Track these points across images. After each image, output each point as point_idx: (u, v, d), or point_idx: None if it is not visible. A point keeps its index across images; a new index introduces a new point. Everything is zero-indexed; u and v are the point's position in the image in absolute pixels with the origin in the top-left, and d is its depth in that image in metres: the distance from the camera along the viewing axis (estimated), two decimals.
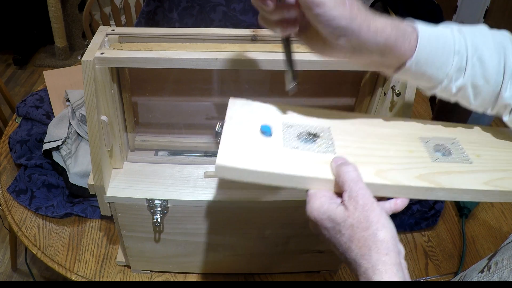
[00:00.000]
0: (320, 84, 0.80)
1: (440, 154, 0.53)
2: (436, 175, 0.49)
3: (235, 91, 0.79)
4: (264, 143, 0.49)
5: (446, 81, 0.49)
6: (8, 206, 0.97)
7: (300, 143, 0.50)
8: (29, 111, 1.16)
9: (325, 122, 0.55)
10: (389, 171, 0.48)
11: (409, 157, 0.51)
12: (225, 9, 1.27)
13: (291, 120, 0.54)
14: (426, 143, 0.54)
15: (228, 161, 0.46)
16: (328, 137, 0.52)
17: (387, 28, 0.45)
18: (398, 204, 0.47)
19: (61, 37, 2.61)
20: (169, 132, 0.83)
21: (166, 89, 0.78)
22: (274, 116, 0.55)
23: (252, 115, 0.54)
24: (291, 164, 0.47)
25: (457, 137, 0.56)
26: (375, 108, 0.77)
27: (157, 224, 0.73)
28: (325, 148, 0.50)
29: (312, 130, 0.52)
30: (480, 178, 0.49)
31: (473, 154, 0.53)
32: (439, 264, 0.92)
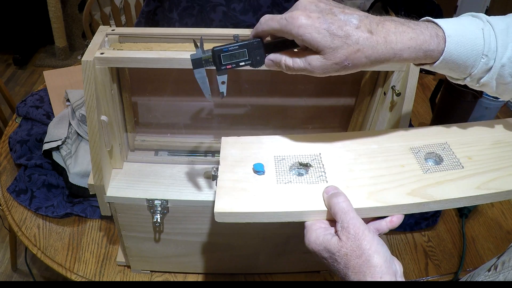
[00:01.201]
0: (320, 84, 0.80)
1: (432, 162, 0.54)
2: (428, 187, 0.50)
3: (235, 91, 0.79)
4: (258, 182, 0.52)
5: (470, 79, 0.50)
6: (8, 206, 0.97)
7: (292, 176, 0.52)
8: (29, 111, 1.16)
9: (315, 148, 0.56)
10: (381, 192, 0.49)
11: (400, 172, 0.52)
12: (225, 9, 1.27)
13: (282, 152, 0.56)
14: (417, 153, 0.55)
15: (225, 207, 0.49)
16: (319, 165, 0.54)
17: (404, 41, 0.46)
18: (393, 221, 0.49)
19: (61, 37, 2.61)
20: (169, 132, 0.83)
21: (166, 89, 0.78)
22: (265, 150, 0.56)
23: (245, 153, 0.56)
24: (285, 200, 0.49)
25: (447, 141, 0.57)
26: (375, 108, 0.77)
27: (157, 224, 0.73)
28: (316, 178, 0.52)
29: (303, 160, 0.54)
30: (472, 183, 0.50)
31: (465, 157, 0.54)
32: (439, 264, 0.92)
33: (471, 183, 0.50)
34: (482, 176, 0.51)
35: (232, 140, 0.58)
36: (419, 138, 0.57)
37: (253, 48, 0.51)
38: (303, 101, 0.82)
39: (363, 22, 0.45)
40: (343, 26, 0.45)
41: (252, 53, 0.51)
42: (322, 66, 0.47)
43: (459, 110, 1.16)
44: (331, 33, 0.44)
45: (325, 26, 0.44)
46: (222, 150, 0.56)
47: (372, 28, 0.45)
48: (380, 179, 0.51)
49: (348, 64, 0.46)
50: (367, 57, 0.45)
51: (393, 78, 0.70)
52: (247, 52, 0.51)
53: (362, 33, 0.45)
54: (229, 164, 0.54)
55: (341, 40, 0.44)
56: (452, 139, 0.57)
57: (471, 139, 0.57)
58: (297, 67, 0.48)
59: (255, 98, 0.81)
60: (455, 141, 0.57)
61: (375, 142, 0.57)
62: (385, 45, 0.45)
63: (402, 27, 0.46)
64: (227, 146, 0.57)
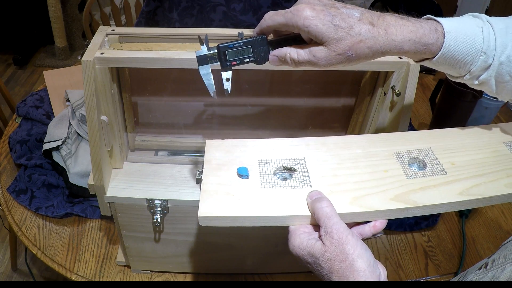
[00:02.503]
0: (320, 84, 0.80)
1: (415, 167, 0.54)
2: (411, 193, 0.50)
3: (235, 91, 0.79)
4: (242, 186, 0.52)
5: (469, 76, 0.50)
6: (8, 206, 0.97)
7: (276, 181, 0.52)
8: (29, 111, 1.16)
9: (300, 152, 0.56)
10: (364, 197, 0.49)
11: (384, 178, 0.52)
12: (225, 9, 1.27)
13: (266, 155, 0.56)
14: (401, 158, 0.55)
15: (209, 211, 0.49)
16: (303, 169, 0.54)
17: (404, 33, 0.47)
18: (377, 226, 0.50)
19: (61, 37, 2.61)
20: (169, 132, 0.83)
21: (166, 89, 0.78)
22: (250, 154, 0.56)
23: (229, 156, 0.56)
24: (269, 205, 0.50)
25: (431, 146, 0.57)
26: (375, 108, 0.77)
27: (157, 224, 0.73)
28: (301, 182, 0.52)
29: (288, 164, 0.54)
30: (455, 189, 0.51)
31: (448, 163, 0.54)
32: (439, 264, 0.92)
33: (453, 189, 0.51)
34: (464, 182, 0.52)
35: (217, 143, 0.58)
36: (403, 143, 0.57)
37: (258, 45, 0.51)
38: (303, 101, 0.82)
39: (365, 15, 0.47)
40: (346, 18, 0.46)
41: (257, 50, 0.51)
42: (327, 57, 0.47)
43: (459, 110, 1.16)
44: (334, 24, 0.45)
45: (329, 18, 0.46)
46: (207, 153, 0.56)
47: (374, 21, 0.47)
48: (363, 184, 0.51)
49: (351, 55, 0.47)
50: (369, 48, 0.47)
51: (393, 78, 0.70)
52: (252, 49, 0.51)
53: (364, 25, 0.46)
54: (213, 168, 0.54)
55: (344, 31, 0.46)
56: (435, 145, 0.57)
57: (454, 144, 0.58)
58: (302, 59, 0.49)
59: (255, 98, 0.81)
60: (438, 147, 0.57)
61: (360, 147, 0.57)
62: (386, 36, 0.46)
63: (402, 21, 0.48)
64: (211, 149, 0.57)
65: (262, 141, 0.58)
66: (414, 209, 0.49)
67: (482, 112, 1.21)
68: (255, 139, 0.58)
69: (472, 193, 0.50)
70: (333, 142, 0.57)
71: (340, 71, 0.77)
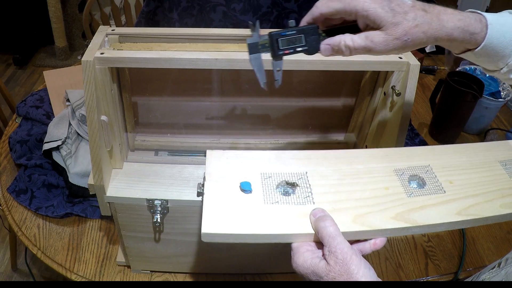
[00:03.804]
0: (320, 84, 0.80)
1: (415, 184, 0.55)
2: (411, 212, 0.51)
3: (235, 91, 0.79)
4: (245, 201, 0.51)
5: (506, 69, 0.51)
6: (8, 206, 0.97)
7: (279, 196, 0.52)
8: (29, 111, 1.16)
9: (302, 166, 0.56)
10: (366, 215, 0.50)
11: (385, 195, 0.53)
12: (225, 9, 1.27)
13: (268, 169, 0.55)
14: (401, 175, 0.55)
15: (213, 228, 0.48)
16: (306, 184, 0.53)
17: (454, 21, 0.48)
18: (377, 243, 0.50)
19: (61, 37, 2.61)
20: (169, 132, 0.83)
21: (166, 89, 0.78)
22: (252, 166, 0.55)
23: (231, 168, 0.55)
24: (273, 222, 0.49)
25: (430, 163, 0.58)
26: (375, 108, 0.77)
27: (157, 224, 0.73)
28: (303, 198, 0.52)
29: (290, 179, 0.54)
30: (453, 208, 0.52)
31: (446, 181, 0.55)
32: (439, 264, 0.92)
33: (452, 208, 0.52)
34: (462, 201, 0.53)
35: (218, 154, 0.57)
36: (403, 159, 0.58)
37: (310, 34, 0.49)
38: (303, 101, 0.82)
39: (416, 2, 0.48)
40: (401, 4, 0.47)
41: (309, 39, 0.50)
42: (384, 41, 0.48)
43: (459, 110, 1.16)
44: (392, 9, 0.46)
45: (386, 3, 0.47)
46: (208, 164, 0.55)
47: (425, 8, 0.48)
48: (365, 201, 0.52)
49: (407, 40, 0.47)
50: (424, 33, 0.47)
51: (393, 78, 0.70)
52: (304, 38, 0.50)
53: (418, 11, 0.47)
54: (215, 181, 0.53)
55: (401, 16, 0.47)
56: (434, 162, 0.58)
57: (452, 162, 0.58)
58: (358, 45, 0.48)
59: (255, 98, 0.81)
60: (437, 164, 0.58)
61: (361, 162, 0.57)
62: (438, 23, 0.48)
63: (450, 10, 0.49)
64: (212, 160, 0.56)
65: (264, 153, 0.57)
66: (414, 228, 0.50)
67: (482, 112, 1.21)
68: (256, 150, 0.58)
69: (470, 213, 0.51)
70: (335, 156, 0.58)
71: (340, 71, 0.77)
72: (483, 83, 1.14)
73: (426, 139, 1.22)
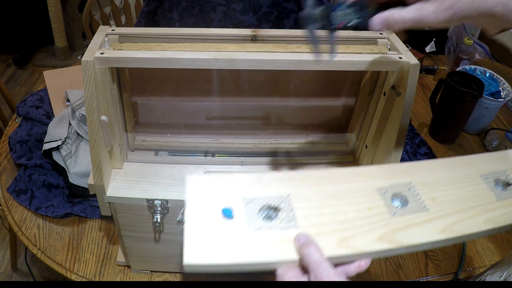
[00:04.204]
0: (320, 84, 0.80)
1: (398, 203, 0.54)
2: (396, 232, 0.50)
3: (235, 91, 0.79)
4: (227, 228, 0.50)
5: None
6: (8, 206, 0.97)
7: (262, 222, 0.51)
8: (29, 111, 1.16)
9: (284, 188, 0.55)
10: (351, 238, 0.49)
11: (369, 216, 0.52)
12: (225, 9, 1.27)
13: (250, 193, 0.54)
14: (384, 194, 0.55)
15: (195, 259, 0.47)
16: (288, 208, 0.52)
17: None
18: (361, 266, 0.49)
19: (61, 37, 2.61)
20: (169, 132, 0.83)
21: (166, 89, 0.78)
22: (233, 191, 0.54)
23: (211, 193, 0.53)
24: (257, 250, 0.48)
25: (412, 181, 0.57)
26: (375, 108, 0.77)
27: (157, 224, 0.73)
28: (287, 222, 0.51)
29: (273, 202, 0.53)
30: (436, 226, 0.52)
31: (429, 198, 0.55)
32: (439, 264, 0.92)
33: (435, 226, 0.52)
34: (445, 219, 0.53)
35: (197, 178, 0.55)
36: (386, 177, 0.57)
37: (361, 8, 0.51)
38: (303, 101, 0.82)
39: None
40: None
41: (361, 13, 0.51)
42: (434, 11, 0.48)
43: (459, 110, 1.16)
44: None
45: None
46: (188, 190, 0.53)
47: None
48: (349, 223, 0.51)
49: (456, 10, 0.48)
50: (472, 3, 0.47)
51: (393, 78, 0.70)
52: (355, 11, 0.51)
53: None
54: (196, 208, 0.52)
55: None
56: (417, 178, 0.58)
57: (435, 178, 0.58)
58: (408, 17, 0.48)
59: (255, 98, 0.81)
60: (420, 181, 0.57)
61: (343, 182, 0.56)
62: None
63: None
64: (192, 185, 0.54)
65: (245, 176, 0.56)
66: (399, 249, 0.50)
67: (482, 112, 1.21)
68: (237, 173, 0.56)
69: (453, 231, 0.51)
70: (317, 176, 0.57)
71: (340, 71, 0.77)
72: (483, 83, 1.14)
73: (426, 139, 1.22)
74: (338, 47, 0.52)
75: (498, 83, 1.27)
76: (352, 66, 0.67)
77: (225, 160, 0.81)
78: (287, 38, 0.71)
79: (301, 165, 0.81)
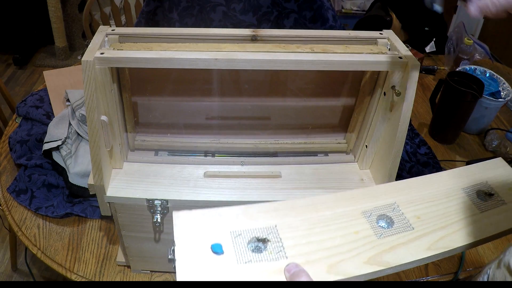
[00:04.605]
0: (320, 84, 0.80)
1: (384, 223, 0.55)
2: (383, 254, 0.51)
3: (235, 91, 0.79)
4: (218, 264, 0.50)
5: None
6: (8, 206, 0.97)
7: (252, 255, 0.51)
8: (29, 111, 1.16)
9: (270, 219, 0.55)
10: (339, 264, 0.50)
11: (355, 240, 0.53)
12: (225, 9, 1.27)
13: (238, 226, 0.54)
14: (369, 217, 0.55)
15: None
16: (276, 238, 0.53)
17: None
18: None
19: (61, 37, 2.61)
20: (169, 132, 0.83)
21: (166, 89, 0.78)
22: (221, 225, 0.54)
23: (199, 229, 0.53)
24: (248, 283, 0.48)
25: (396, 201, 0.58)
26: (375, 108, 0.77)
27: (157, 224, 0.73)
28: (276, 253, 0.51)
29: (260, 234, 0.53)
30: (422, 244, 0.52)
31: (414, 217, 0.56)
32: (439, 264, 0.92)
33: (421, 244, 0.52)
34: (431, 235, 0.53)
35: (184, 215, 0.55)
36: (369, 200, 0.58)
37: None
38: (303, 101, 0.82)
39: None
40: None
41: None
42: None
43: (459, 110, 1.16)
44: None
45: None
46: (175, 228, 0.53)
47: None
48: (337, 249, 0.52)
49: None
50: None
51: (393, 78, 0.70)
52: None
53: None
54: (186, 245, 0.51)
55: None
56: (400, 198, 0.58)
57: (417, 196, 0.59)
58: (501, 3, 0.49)
59: (255, 98, 0.81)
60: (402, 200, 0.58)
61: (328, 208, 0.57)
62: None
63: None
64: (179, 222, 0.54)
65: (231, 209, 0.56)
66: (387, 270, 0.50)
67: (482, 112, 1.21)
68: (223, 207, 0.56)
69: (439, 247, 0.52)
70: (302, 205, 0.57)
71: (340, 71, 0.77)
72: (483, 83, 1.14)
73: (426, 139, 1.22)
74: None
75: (498, 83, 1.27)
76: (352, 66, 0.67)
77: (225, 160, 0.81)
78: (287, 38, 0.71)
79: (301, 165, 0.82)
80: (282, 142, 0.84)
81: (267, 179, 0.78)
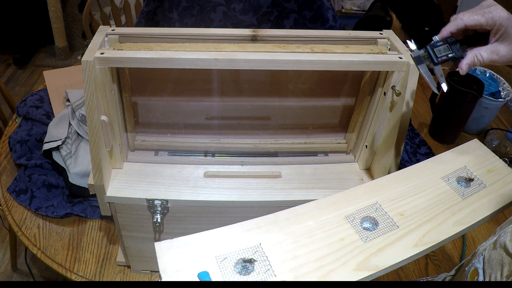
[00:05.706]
0: (320, 84, 0.80)
1: (368, 225, 0.54)
2: (371, 257, 0.50)
3: (235, 91, 0.79)
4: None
5: None
6: (8, 206, 0.97)
7: (240, 277, 0.50)
8: (29, 111, 1.16)
9: (254, 237, 0.54)
10: (329, 274, 0.49)
11: (342, 247, 0.52)
12: (225, 9, 1.27)
13: (221, 249, 0.52)
14: (352, 221, 0.54)
15: None
16: (263, 257, 0.51)
17: None
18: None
19: (61, 37, 2.61)
20: (169, 132, 0.83)
21: (166, 89, 0.78)
22: (204, 251, 0.52)
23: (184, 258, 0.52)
24: None
25: (377, 200, 0.57)
26: (375, 108, 0.77)
27: (157, 224, 0.73)
28: (264, 273, 0.50)
29: (246, 255, 0.52)
30: (409, 242, 0.52)
31: (397, 214, 0.55)
32: (439, 264, 0.92)
33: (408, 242, 0.52)
34: (416, 231, 0.53)
35: (166, 245, 0.53)
36: (351, 203, 0.57)
37: (452, 43, 0.61)
38: (303, 101, 0.82)
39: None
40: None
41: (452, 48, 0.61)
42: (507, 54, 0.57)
43: (459, 110, 1.16)
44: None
45: None
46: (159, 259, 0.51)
47: None
48: (325, 259, 0.51)
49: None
50: None
51: (393, 78, 0.70)
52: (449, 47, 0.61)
53: None
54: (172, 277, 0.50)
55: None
56: (381, 197, 0.57)
57: (398, 192, 0.58)
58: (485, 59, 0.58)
59: (255, 98, 0.81)
60: (384, 199, 0.57)
61: (310, 217, 0.56)
62: None
63: None
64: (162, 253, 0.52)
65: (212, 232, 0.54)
66: (377, 273, 0.49)
67: (482, 112, 1.21)
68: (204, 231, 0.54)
69: (426, 242, 0.52)
70: (284, 218, 0.56)
71: (340, 71, 0.77)
72: (483, 83, 1.14)
73: (426, 139, 1.22)
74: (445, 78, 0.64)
75: (498, 83, 1.27)
76: (352, 66, 0.67)
77: (225, 160, 0.81)
78: (287, 38, 0.71)
79: (301, 165, 0.82)
80: (282, 142, 0.84)
81: (267, 179, 0.78)
